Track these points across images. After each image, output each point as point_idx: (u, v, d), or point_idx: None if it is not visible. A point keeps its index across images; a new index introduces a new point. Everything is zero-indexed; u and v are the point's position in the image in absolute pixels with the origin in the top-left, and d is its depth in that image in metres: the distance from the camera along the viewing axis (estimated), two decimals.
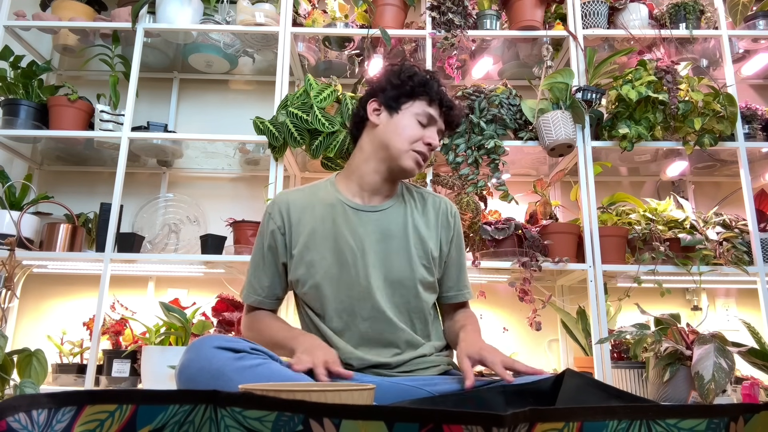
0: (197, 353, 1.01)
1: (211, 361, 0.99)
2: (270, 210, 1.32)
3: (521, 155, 2.41)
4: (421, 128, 1.27)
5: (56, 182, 2.68)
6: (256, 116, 2.25)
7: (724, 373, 1.59)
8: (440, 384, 1.14)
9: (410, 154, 1.25)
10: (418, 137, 1.26)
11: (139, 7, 2.34)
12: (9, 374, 1.68)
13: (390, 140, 1.26)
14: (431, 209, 1.36)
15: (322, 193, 1.33)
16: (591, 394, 0.82)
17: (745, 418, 0.46)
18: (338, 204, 1.30)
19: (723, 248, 2.10)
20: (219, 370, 0.98)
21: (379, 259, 1.25)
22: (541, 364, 2.47)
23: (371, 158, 1.30)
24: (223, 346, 1.01)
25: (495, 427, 0.40)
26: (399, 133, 1.25)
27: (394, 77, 1.29)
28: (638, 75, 2.14)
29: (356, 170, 1.32)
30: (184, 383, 1.00)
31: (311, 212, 1.29)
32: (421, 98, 1.27)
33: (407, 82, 1.27)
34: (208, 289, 2.52)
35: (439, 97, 1.28)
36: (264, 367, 1.01)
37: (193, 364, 1.00)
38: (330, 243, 1.26)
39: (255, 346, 1.05)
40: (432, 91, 1.27)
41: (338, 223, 1.27)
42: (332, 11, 2.38)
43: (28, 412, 0.39)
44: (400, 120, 1.27)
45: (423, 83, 1.27)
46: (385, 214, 1.30)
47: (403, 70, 1.30)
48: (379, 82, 1.32)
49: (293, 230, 1.28)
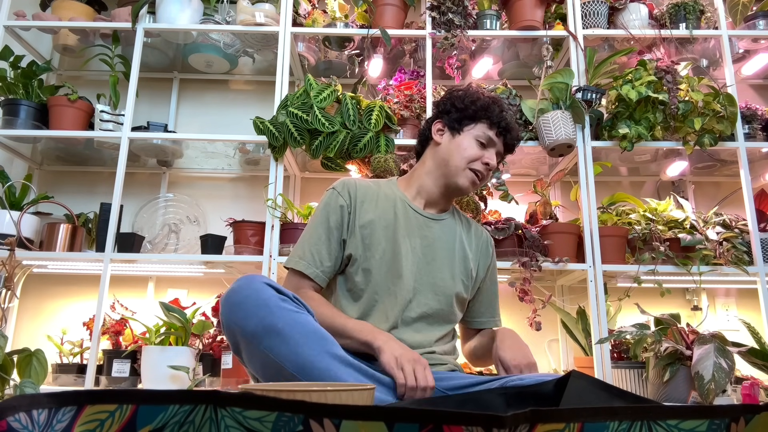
0: (247, 283, 1.08)
1: (259, 292, 1.05)
2: (338, 188, 1.36)
3: (521, 155, 2.41)
4: (480, 149, 1.34)
5: (56, 182, 2.68)
6: (256, 116, 2.25)
7: (724, 373, 1.59)
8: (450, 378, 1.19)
9: (467, 173, 1.33)
10: (476, 157, 1.33)
11: (139, 7, 2.34)
12: (9, 374, 1.68)
13: (450, 158, 1.35)
14: (474, 235, 1.46)
15: (385, 188, 1.40)
16: (594, 395, 0.82)
17: (746, 418, 0.46)
18: (400, 201, 1.37)
19: (723, 248, 2.10)
20: (265, 301, 1.04)
21: (426, 263, 1.32)
22: (541, 364, 2.47)
23: (432, 172, 1.38)
24: (271, 284, 1.08)
25: (495, 428, 0.40)
26: (459, 152, 1.34)
27: (458, 101, 1.38)
28: (638, 75, 2.14)
29: (418, 180, 1.41)
30: (229, 306, 1.06)
31: (375, 200, 1.36)
32: (483, 122, 1.35)
33: (470, 106, 1.36)
34: (208, 289, 2.52)
35: (499, 120, 1.35)
36: (301, 315, 1.07)
37: (242, 291, 1.06)
38: (389, 233, 1.31)
39: (296, 296, 1.11)
40: (493, 115, 1.35)
41: (398, 218, 1.34)
42: (332, 11, 2.38)
43: (28, 411, 0.39)
44: (462, 141, 1.35)
45: (485, 107, 1.35)
46: (440, 225, 1.39)
47: (468, 94, 1.39)
48: (444, 105, 1.42)
49: (357, 211, 1.33)
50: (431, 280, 1.31)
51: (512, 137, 1.39)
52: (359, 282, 1.29)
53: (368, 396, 0.73)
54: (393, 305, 1.27)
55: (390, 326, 1.25)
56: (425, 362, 1.10)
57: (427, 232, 1.36)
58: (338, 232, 1.32)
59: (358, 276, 1.29)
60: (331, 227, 1.31)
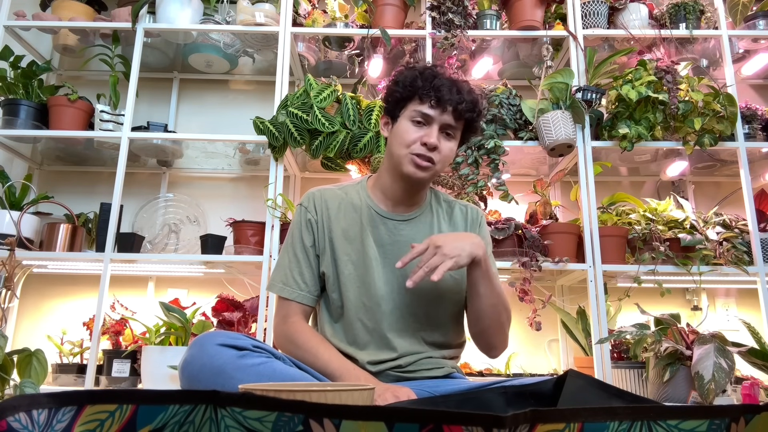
0: (200, 350, 1.01)
1: (213, 359, 0.99)
2: (305, 203, 1.31)
3: (521, 155, 2.41)
4: (417, 130, 1.21)
5: (56, 182, 2.68)
6: (256, 116, 2.25)
7: (724, 373, 1.59)
8: (442, 386, 1.15)
9: (408, 158, 1.21)
10: (414, 140, 1.20)
11: (139, 7, 2.34)
12: (9, 374, 1.68)
13: (392, 148, 1.24)
14: (458, 218, 1.35)
15: (353, 195, 1.32)
16: (593, 395, 0.82)
17: (746, 418, 0.46)
18: (367, 209, 1.29)
19: (723, 248, 2.10)
20: (221, 368, 0.98)
21: (402, 269, 1.22)
22: (541, 364, 2.47)
23: (388, 168, 1.29)
24: (226, 343, 1.01)
25: (495, 428, 0.40)
26: (397, 139, 1.23)
27: (389, 89, 1.28)
28: (638, 75, 2.14)
29: (380, 179, 1.32)
30: (187, 380, 1.00)
31: (343, 212, 1.29)
32: (413, 99, 1.22)
33: (397, 88, 1.24)
34: (208, 289, 2.52)
35: (430, 91, 1.19)
36: (266, 365, 1.01)
37: (196, 361, 1.00)
38: (357, 245, 1.26)
39: (257, 344, 1.05)
40: (421, 88, 1.20)
41: (365, 228, 1.26)
42: (332, 11, 2.38)
43: (28, 411, 0.39)
44: (398, 127, 1.24)
45: (411, 83, 1.22)
46: (411, 225, 1.29)
47: (397, 77, 1.27)
48: (383, 98, 1.32)
49: (325, 225, 1.28)
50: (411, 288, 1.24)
51: (455, 102, 1.19)
52: (335, 299, 1.25)
53: (368, 396, 0.73)
54: (372, 319, 1.22)
55: (377, 340, 1.21)
56: (407, 391, 1.06)
57: (398, 237, 1.27)
58: (313, 249, 1.27)
59: (334, 293, 1.25)
60: (306, 245, 1.27)
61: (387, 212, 1.29)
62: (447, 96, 1.19)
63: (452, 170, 2.20)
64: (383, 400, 1.02)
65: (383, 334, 1.21)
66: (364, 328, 1.22)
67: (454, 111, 1.20)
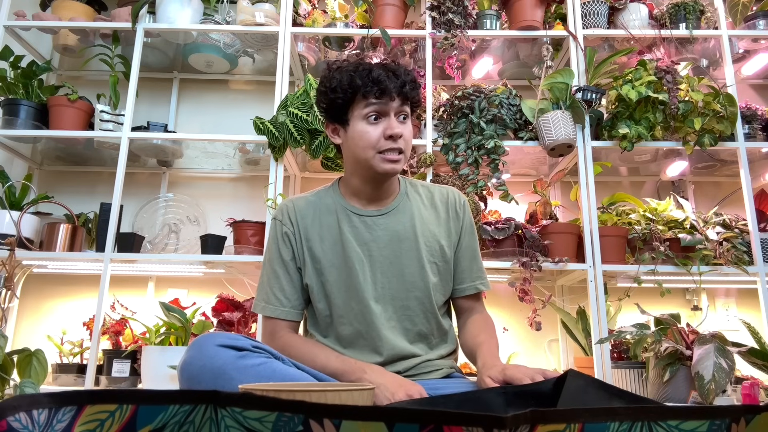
0: (199, 351, 1.00)
1: (213, 359, 0.99)
2: (278, 216, 1.29)
3: (521, 155, 2.41)
4: (375, 126, 1.19)
5: (56, 182, 2.68)
6: (256, 116, 2.25)
7: (724, 373, 1.59)
8: (443, 388, 1.15)
9: (377, 158, 1.19)
10: (377, 137, 1.18)
11: (139, 7, 2.34)
12: (9, 374, 1.68)
13: (357, 152, 1.21)
14: (439, 202, 1.33)
15: (326, 200, 1.31)
16: (593, 395, 0.82)
17: (747, 419, 0.46)
18: (342, 210, 1.28)
19: (723, 248, 2.10)
20: (221, 369, 0.98)
21: (389, 264, 1.24)
22: (541, 364, 2.47)
23: (354, 172, 1.27)
24: (225, 344, 1.01)
25: (496, 429, 0.40)
26: (360, 143, 1.20)
27: (324, 97, 1.23)
28: (638, 75, 2.14)
29: (348, 183, 1.30)
30: (186, 381, 1.00)
31: (318, 219, 1.28)
32: (357, 100, 1.20)
33: (335, 94, 1.20)
34: (208, 289, 2.52)
35: (370, 86, 1.17)
36: (266, 366, 1.01)
37: (195, 362, 0.99)
38: (338, 250, 1.24)
39: (257, 344, 1.04)
40: (360, 86, 1.18)
41: (344, 230, 1.25)
42: (332, 11, 2.38)
43: (28, 411, 0.39)
44: (354, 131, 1.21)
45: (349, 86, 1.19)
46: (388, 218, 1.28)
47: (328, 85, 1.22)
48: (319, 105, 1.27)
49: (302, 235, 1.26)
50: (399, 280, 1.23)
51: (399, 86, 1.18)
52: (322, 310, 1.23)
53: (368, 396, 0.73)
54: (363, 322, 1.20)
55: (371, 343, 1.20)
56: (419, 388, 1.04)
57: (378, 232, 1.25)
58: (293, 262, 1.26)
59: (320, 303, 1.24)
60: (286, 260, 1.25)
61: (363, 210, 1.28)
62: (390, 84, 1.18)
63: (452, 170, 2.20)
64: (396, 399, 1.01)
65: (377, 334, 1.20)
66: (356, 333, 1.21)
67: (400, 95, 1.20)
